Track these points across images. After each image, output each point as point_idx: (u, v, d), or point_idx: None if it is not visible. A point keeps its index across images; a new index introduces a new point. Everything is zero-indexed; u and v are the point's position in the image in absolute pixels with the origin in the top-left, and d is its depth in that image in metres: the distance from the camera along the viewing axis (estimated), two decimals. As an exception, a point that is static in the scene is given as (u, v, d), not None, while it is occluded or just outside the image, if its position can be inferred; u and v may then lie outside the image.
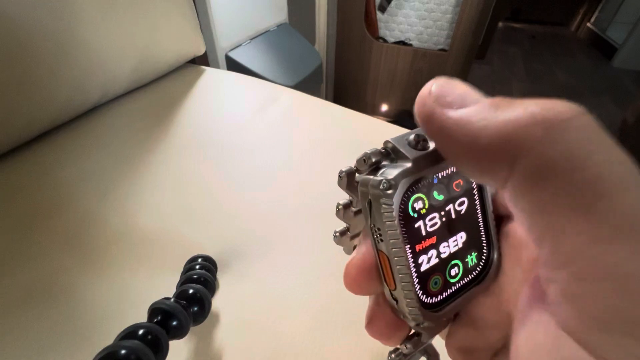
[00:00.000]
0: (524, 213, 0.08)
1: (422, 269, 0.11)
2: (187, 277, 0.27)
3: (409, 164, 0.10)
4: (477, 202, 0.12)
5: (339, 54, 1.56)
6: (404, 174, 0.10)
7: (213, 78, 0.65)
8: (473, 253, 0.12)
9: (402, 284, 0.11)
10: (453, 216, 0.12)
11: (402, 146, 0.11)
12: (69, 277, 0.30)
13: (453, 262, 0.12)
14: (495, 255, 0.12)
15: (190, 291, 0.24)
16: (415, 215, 0.11)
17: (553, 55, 2.53)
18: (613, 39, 2.44)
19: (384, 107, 1.64)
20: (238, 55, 0.88)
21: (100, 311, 0.28)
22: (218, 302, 0.28)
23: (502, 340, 0.12)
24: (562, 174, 0.07)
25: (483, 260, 0.12)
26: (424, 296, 0.11)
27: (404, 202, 0.10)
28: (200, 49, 0.69)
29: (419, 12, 1.40)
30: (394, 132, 0.48)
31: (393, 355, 0.12)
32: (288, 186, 0.41)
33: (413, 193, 0.11)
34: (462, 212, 0.12)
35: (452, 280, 0.12)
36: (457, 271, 0.12)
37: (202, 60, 0.78)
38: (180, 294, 0.24)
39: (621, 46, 2.33)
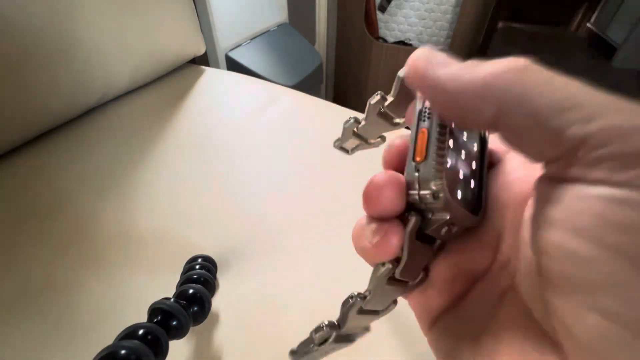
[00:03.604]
0: (527, 131, 0.10)
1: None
2: (187, 277, 0.27)
3: None
4: (477, 149, 0.14)
5: (339, 54, 1.56)
6: None
7: (213, 78, 0.65)
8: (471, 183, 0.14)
9: (437, 152, 0.12)
10: (464, 152, 0.13)
11: None
12: (69, 277, 0.30)
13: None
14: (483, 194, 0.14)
15: (190, 291, 0.24)
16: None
17: (553, 55, 2.53)
18: (613, 39, 2.44)
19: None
20: (238, 55, 0.88)
21: (100, 311, 0.28)
22: (218, 302, 0.28)
23: (488, 260, 0.13)
24: (539, 94, 0.10)
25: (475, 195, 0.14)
26: None
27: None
28: (200, 49, 0.69)
29: (419, 12, 1.40)
30: (393, 131, 0.48)
31: (382, 269, 0.13)
32: (288, 186, 0.41)
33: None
34: (472, 152, 0.13)
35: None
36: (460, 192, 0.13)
37: (202, 60, 0.78)
38: (180, 294, 0.24)
39: (621, 46, 2.33)
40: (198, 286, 0.25)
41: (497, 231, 0.13)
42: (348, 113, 0.54)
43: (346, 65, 1.58)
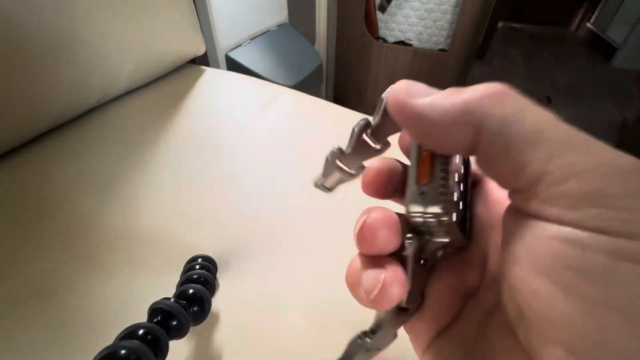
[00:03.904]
0: (497, 159, 0.10)
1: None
2: (187, 277, 0.27)
3: None
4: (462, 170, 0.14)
5: (339, 54, 1.56)
6: None
7: (213, 78, 0.65)
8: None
9: (441, 174, 0.12)
10: (457, 174, 0.13)
11: None
12: (69, 277, 0.30)
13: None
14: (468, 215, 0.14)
15: (190, 291, 0.24)
16: None
17: (553, 55, 2.53)
18: (613, 39, 2.44)
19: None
20: (238, 55, 0.88)
21: (101, 311, 0.28)
22: (218, 302, 0.28)
23: (477, 279, 0.14)
24: (513, 123, 0.10)
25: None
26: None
27: None
28: (201, 49, 0.69)
29: (419, 12, 1.40)
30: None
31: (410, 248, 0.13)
32: (288, 186, 0.41)
33: None
34: (460, 173, 0.14)
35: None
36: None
37: (202, 60, 0.78)
38: (180, 294, 0.24)
39: (621, 46, 2.33)
40: (198, 286, 0.25)
41: (483, 250, 0.13)
42: (348, 113, 0.54)
43: (346, 65, 1.58)
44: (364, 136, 0.14)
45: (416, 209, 0.12)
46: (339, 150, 0.15)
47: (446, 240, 0.12)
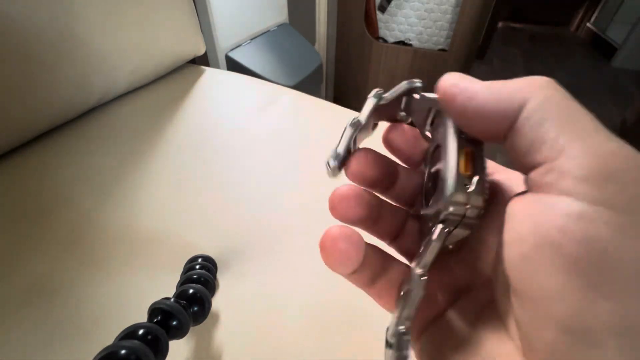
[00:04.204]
0: (528, 136, 0.11)
1: None
2: (187, 277, 0.27)
3: None
4: None
5: (339, 54, 1.56)
6: None
7: (213, 78, 0.65)
8: None
9: (484, 167, 0.13)
10: None
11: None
12: (69, 277, 0.30)
13: None
14: None
15: (190, 291, 0.24)
16: None
17: (553, 55, 2.53)
18: (613, 39, 2.44)
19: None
20: (238, 55, 0.88)
21: (100, 311, 0.28)
22: (218, 302, 0.28)
23: (469, 277, 0.14)
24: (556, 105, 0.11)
25: None
26: None
27: None
28: (201, 49, 0.69)
29: (419, 12, 1.40)
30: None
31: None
32: (288, 186, 0.41)
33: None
34: None
35: None
36: None
37: (202, 60, 0.78)
38: (180, 294, 0.24)
39: (621, 46, 2.33)
40: (198, 286, 0.25)
41: (475, 250, 0.14)
42: (348, 113, 0.54)
43: (346, 66, 1.58)
44: (376, 106, 0.16)
45: (460, 198, 0.12)
46: (358, 121, 0.15)
47: (467, 233, 0.13)
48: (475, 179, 0.12)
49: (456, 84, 0.13)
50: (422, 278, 0.12)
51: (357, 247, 0.13)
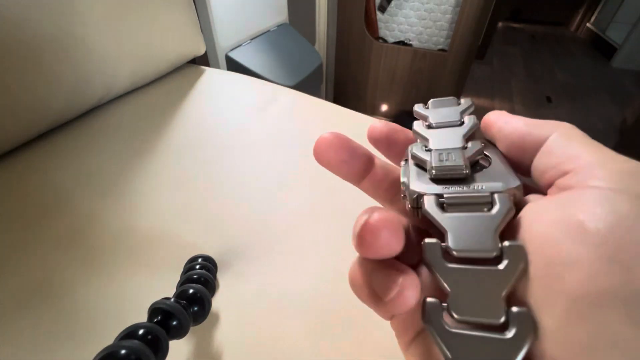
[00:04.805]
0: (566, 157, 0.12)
1: None
2: (187, 277, 0.27)
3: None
4: None
5: (339, 54, 1.56)
6: None
7: (213, 78, 0.65)
8: None
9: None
10: None
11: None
12: (69, 277, 0.30)
13: None
14: None
15: (191, 291, 0.24)
16: None
17: (553, 55, 2.53)
18: (613, 39, 2.45)
19: (384, 107, 1.64)
20: (238, 55, 0.88)
21: (100, 311, 0.28)
22: (218, 302, 0.28)
23: None
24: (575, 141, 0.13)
25: None
26: None
27: None
28: (201, 49, 0.69)
29: (419, 13, 1.40)
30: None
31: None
32: (288, 186, 0.41)
33: None
34: None
35: None
36: None
37: (202, 60, 0.78)
38: (181, 294, 0.24)
39: (621, 46, 2.33)
40: (198, 286, 0.25)
41: None
42: (348, 113, 0.54)
43: (346, 66, 1.59)
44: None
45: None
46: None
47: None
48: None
49: (499, 114, 0.16)
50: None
51: (399, 235, 0.12)
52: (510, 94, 1.95)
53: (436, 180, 0.14)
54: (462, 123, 0.16)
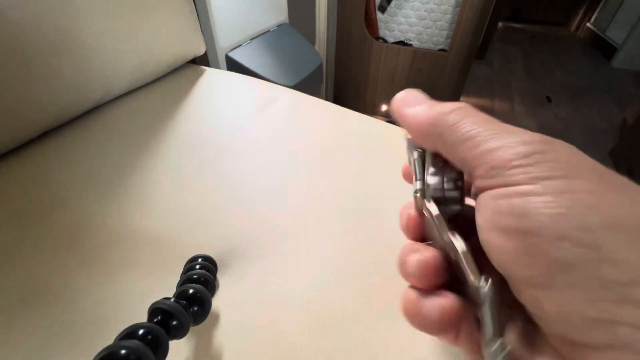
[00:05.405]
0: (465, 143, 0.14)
1: None
2: (187, 277, 0.27)
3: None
4: None
5: (339, 54, 1.56)
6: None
7: (213, 78, 0.65)
8: None
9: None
10: None
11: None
12: (69, 277, 0.30)
13: None
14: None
15: (191, 291, 0.24)
16: None
17: (553, 55, 2.53)
18: (613, 39, 2.45)
19: (384, 107, 1.64)
20: (238, 55, 0.88)
21: (100, 311, 0.28)
22: (218, 302, 0.28)
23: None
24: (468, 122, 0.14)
25: None
26: None
27: None
28: (201, 49, 0.69)
29: (419, 13, 1.40)
30: (394, 132, 0.48)
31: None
32: (288, 186, 0.41)
33: None
34: None
35: None
36: None
37: (202, 60, 0.78)
38: (181, 294, 0.24)
39: (621, 46, 2.33)
40: (198, 286, 0.25)
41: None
42: (348, 113, 0.54)
43: (346, 66, 1.58)
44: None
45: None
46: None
47: (459, 208, 0.17)
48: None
49: (398, 108, 0.17)
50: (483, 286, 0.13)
51: (452, 319, 0.14)
52: (510, 94, 1.95)
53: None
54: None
